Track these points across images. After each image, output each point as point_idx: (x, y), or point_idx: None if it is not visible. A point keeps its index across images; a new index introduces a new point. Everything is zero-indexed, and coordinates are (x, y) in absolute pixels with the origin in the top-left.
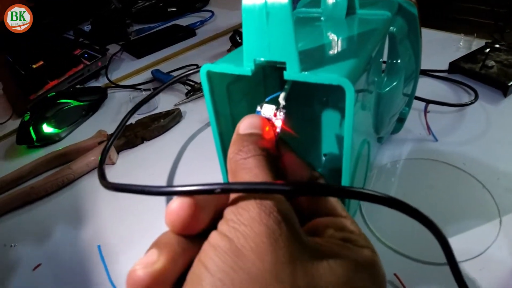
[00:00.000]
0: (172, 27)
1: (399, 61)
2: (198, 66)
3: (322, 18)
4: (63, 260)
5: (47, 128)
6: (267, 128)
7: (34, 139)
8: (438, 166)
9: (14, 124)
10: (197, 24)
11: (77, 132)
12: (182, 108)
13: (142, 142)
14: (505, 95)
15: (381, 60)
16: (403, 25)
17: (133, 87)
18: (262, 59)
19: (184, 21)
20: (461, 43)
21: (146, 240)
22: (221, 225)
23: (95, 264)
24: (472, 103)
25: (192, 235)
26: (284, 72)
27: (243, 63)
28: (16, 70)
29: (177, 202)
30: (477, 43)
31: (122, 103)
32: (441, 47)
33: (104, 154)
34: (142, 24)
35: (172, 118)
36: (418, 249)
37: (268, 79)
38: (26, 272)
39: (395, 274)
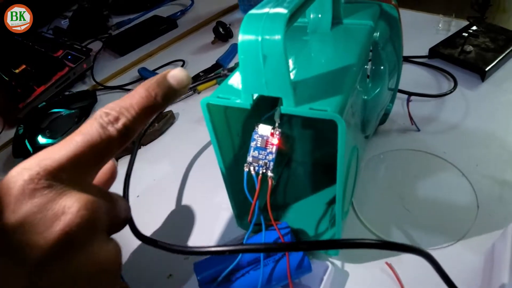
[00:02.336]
0: (153, 19)
1: (382, 67)
2: (184, 62)
3: (308, 31)
4: None
5: (42, 140)
6: None
7: (31, 152)
8: (421, 156)
9: (7, 135)
10: (178, 14)
11: None
12: (174, 108)
13: (140, 148)
14: (483, 79)
15: (366, 67)
16: (385, 30)
17: (121, 87)
18: (259, 93)
19: (163, 11)
20: (440, 25)
21: None
22: None
23: None
24: (451, 92)
25: None
26: (281, 106)
27: (240, 95)
28: None
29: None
30: (456, 24)
31: None
32: (420, 30)
33: (126, 191)
34: (121, 16)
35: (166, 120)
36: (406, 239)
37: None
38: None
39: (386, 263)
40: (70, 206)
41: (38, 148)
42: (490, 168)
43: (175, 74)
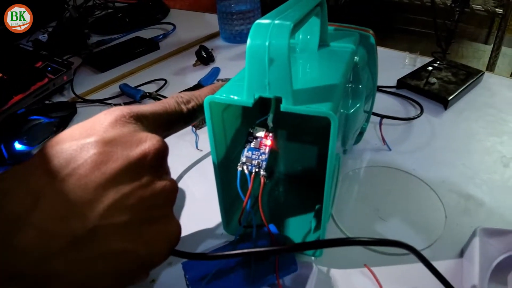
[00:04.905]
0: (135, 40)
1: (360, 86)
2: (166, 81)
3: (297, 49)
4: None
5: (18, 146)
6: None
7: (6, 157)
8: (392, 172)
9: None
10: (160, 37)
11: None
12: None
13: None
14: (446, 108)
15: (348, 85)
16: (364, 54)
17: (102, 101)
18: (261, 95)
19: (145, 33)
20: (406, 60)
21: None
22: None
23: None
24: (418, 116)
25: None
26: (281, 104)
27: (242, 96)
28: None
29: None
30: (421, 60)
31: None
32: (389, 64)
33: None
34: (100, 35)
35: None
36: None
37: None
38: None
39: (365, 265)
40: (151, 137)
41: (14, 154)
42: (455, 183)
43: None
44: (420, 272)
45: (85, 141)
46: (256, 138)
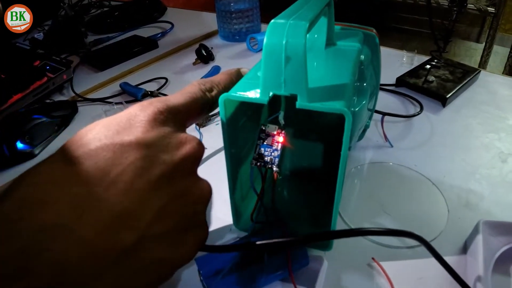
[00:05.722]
0: (133, 38)
1: (365, 84)
2: (166, 79)
3: None
4: None
5: (21, 145)
6: None
7: (8, 156)
8: (395, 168)
9: None
10: (158, 35)
11: (50, 148)
12: None
13: None
14: (444, 105)
15: (355, 83)
16: (368, 53)
17: (103, 100)
18: (277, 92)
19: (142, 32)
20: (404, 59)
21: None
22: None
23: None
24: (418, 114)
25: None
26: (296, 102)
27: (259, 92)
28: None
29: None
30: (418, 59)
31: (94, 117)
32: (387, 63)
33: None
34: (97, 34)
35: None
36: (390, 237)
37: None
38: None
39: (372, 258)
40: (190, 140)
41: (16, 153)
42: (456, 178)
43: (246, 71)
44: (425, 264)
45: (124, 141)
46: (268, 135)
